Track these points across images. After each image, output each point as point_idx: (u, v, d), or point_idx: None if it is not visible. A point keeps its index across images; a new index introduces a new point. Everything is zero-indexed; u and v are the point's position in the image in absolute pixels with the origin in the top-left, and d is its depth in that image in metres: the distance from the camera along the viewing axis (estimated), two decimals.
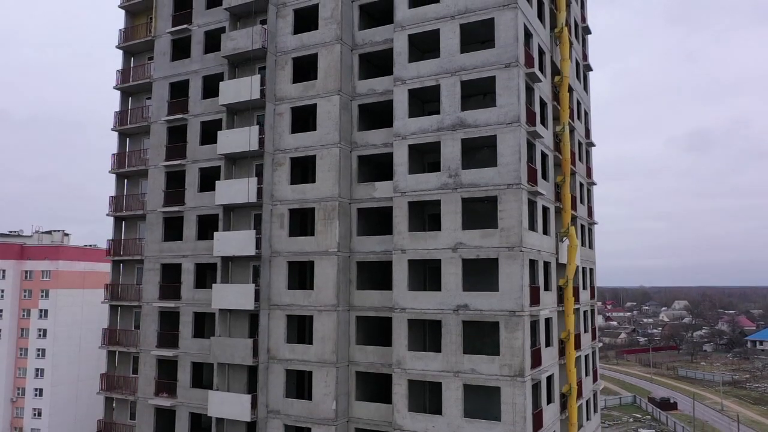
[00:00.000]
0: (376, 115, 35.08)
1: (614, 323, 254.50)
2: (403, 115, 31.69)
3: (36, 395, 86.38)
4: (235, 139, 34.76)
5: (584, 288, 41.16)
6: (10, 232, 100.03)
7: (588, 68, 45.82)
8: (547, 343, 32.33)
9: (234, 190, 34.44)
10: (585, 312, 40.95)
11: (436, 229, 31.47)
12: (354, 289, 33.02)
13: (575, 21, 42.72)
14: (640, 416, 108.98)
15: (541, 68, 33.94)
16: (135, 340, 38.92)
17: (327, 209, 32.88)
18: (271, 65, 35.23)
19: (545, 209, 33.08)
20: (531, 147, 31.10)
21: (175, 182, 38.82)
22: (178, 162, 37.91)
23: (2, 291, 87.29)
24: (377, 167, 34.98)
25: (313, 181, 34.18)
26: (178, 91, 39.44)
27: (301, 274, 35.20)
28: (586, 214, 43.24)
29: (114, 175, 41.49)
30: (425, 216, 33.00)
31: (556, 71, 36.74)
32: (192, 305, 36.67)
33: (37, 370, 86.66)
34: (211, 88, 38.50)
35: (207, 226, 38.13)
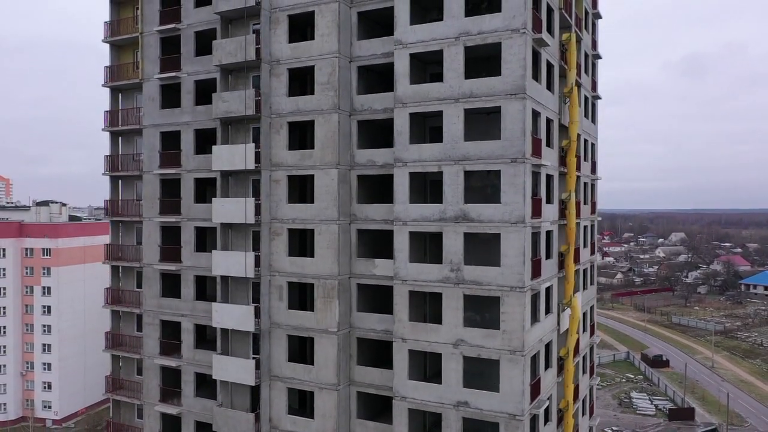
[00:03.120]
0: (376, 186, 33.87)
1: (611, 260, 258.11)
2: (404, 199, 30.56)
3: (45, 369, 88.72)
4: (231, 209, 33.71)
5: (584, 330, 41.23)
6: (8, 203, 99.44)
7: (596, 98, 43.85)
8: (546, 419, 32.69)
9: (231, 262, 33.75)
10: (584, 356, 41.22)
11: (437, 312, 31.17)
12: (354, 365, 33.01)
13: (585, 52, 40.48)
14: (632, 376, 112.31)
15: (548, 141, 32.46)
16: (138, 389, 39.32)
17: (326, 287, 32.35)
18: (265, 129, 33.66)
19: (548, 290, 32.57)
20: (536, 235, 30.23)
21: (171, 237, 38.03)
22: (173, 219, 37.00)
23: (4, 269, 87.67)
24: (379, 235, 34.05)
25: (312, 254, 33.47)
26: (170, 139, 37.93)
27: (302, 346, 35.13)
28: (590, 253, 42.69)
29: (109, 222, 40.61)
30: (426, 296, 32.42)
31: (563, 126, 35.19)
32: (193, 365, 36.81)
33: (44, 345, 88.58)
34: (204, 140, 37.10)
35: (206, 285, 37.76)
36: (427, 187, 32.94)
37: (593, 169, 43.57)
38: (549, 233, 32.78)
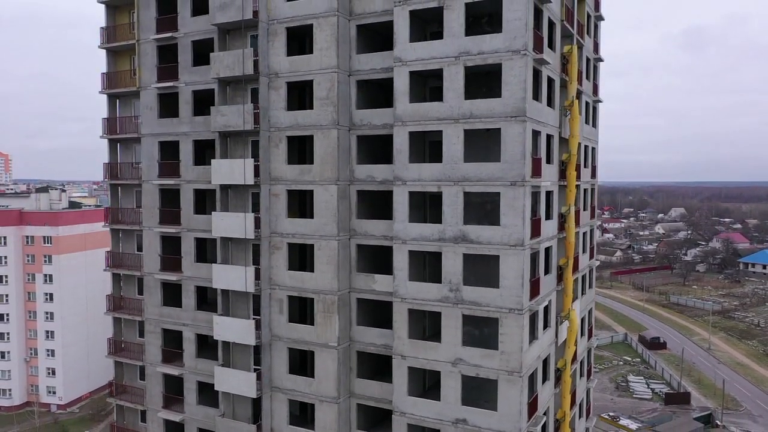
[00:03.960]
0: (376, 201, 33.82)
1: (610, 236, 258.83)
2: (403, 218, 30.58)
3: (48, 355, 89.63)
4: (230, 224, 33.75)
5: (582, 335, 41.59)
6: (7, 189, 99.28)
7: (597, 102, 43.54)
8: None
9: (232, 276, 33.91)
10: (582, 361, 41.65)
11: (437, 327, 31.46)
12: (354, 377, 33.40)
13: (587, 57, 40.08)
14: (630, 359, 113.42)
15: (548, 157, 32.36)
16: (141, 395, 39.82)
17: (326, 302, 32.58)
18: (264, 143, 33.52)
19: (547, 307, 32.78)
20: (535, 254, 30.31)
21: (171, 246, 38.14)
22: (173, 229, 37.08)
23: (5, 257, 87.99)
24: (379, 249, 34.11)
25: (312, 268, 33.63)
26: (169, 148, 37.79)
27: (302, 356, 35.52)
28: (589, 257, 42.86)
29: (109, 230, 40.72)
30: (426, 312, 32.58)
31: (564, 138, 35.01)
32: (195, 374, 37.25)
33: (47, 332, 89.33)
34: (204, 147, 37.07)
35: (207, 293, 38.02)
36: (427, 203, 32.90)
37: (593, 174, 43.48)
38: (548, 249, 32.86)
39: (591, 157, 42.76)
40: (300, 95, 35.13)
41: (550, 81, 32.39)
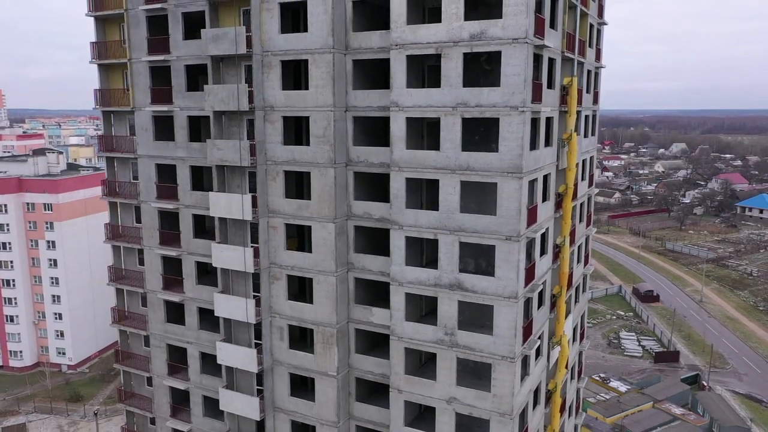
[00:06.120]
0: (375, 235, 34.11)
1: (609, 175, 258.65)
2: (400, 261, 31.08)
3: (56, 318, 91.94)
4: (230, 256, 34.27)
5: (575, 339, 42.92)
6: (5, 152, 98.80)
7: (596, 110, 43.05)
8: None
9: (233, 306, 34.74)
10: (573, 365, 43.19)
11: (432, 357, 32.59)
12: (354, 401, 34.87)
13: (587, 70, 39.37)
14: (623, 313, 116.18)
15: (545, 193, 32.47)
16: (150, 401, 41.54)
17: (326, 334, 33.56)
18: (261, 177, 33.56)
19: (539, 348, 33.74)
20: (529, 300, 31.00)
21: (173, 265, 38.77)
22: (173, 252, 37.61)
23: (7, 225, 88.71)
24: (377, 281, 34.70)
25: (311, 298, 34.40)
26: (166, 170, 37.78)
27: (303, 378, 36.85)
28: (584, 265, 43.58)
29: (110, 246, 41.22)
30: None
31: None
32: (200, 389, 38.76)
33: (53, 296, 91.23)
34: (201, 169, 37.13)
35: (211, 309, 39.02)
36: (424, 243, 33.25)
37: (590, 183, 43.56)
38: (543, 285, 33.48)
39: (590, 166, 42.71)
40: (297, 125, 34.78)
41: (549, 120, 32.08)
